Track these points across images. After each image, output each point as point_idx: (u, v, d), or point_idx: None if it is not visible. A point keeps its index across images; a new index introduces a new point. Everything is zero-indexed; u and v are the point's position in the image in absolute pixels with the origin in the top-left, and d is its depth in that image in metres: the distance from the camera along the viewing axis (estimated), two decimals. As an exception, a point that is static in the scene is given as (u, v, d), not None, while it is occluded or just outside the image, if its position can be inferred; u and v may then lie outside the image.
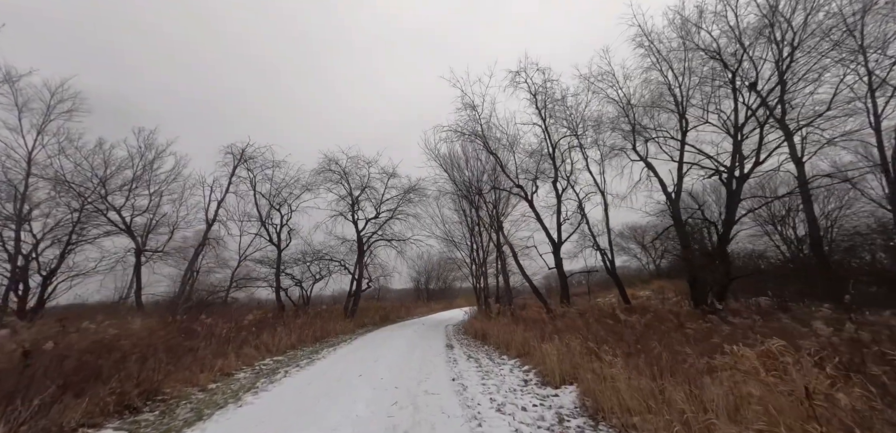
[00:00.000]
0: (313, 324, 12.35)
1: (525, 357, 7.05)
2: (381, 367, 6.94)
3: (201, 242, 17.83)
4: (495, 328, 10.22)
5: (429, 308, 29.32)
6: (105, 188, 15.07)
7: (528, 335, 7.75)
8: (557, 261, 13.37)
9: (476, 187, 13.49)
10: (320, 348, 9.98)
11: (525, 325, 9.23)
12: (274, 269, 16.66)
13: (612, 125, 14.03)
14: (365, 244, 17.91)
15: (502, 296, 17.47)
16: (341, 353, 8.92)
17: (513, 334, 8.43)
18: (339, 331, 13.79)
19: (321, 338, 11.98)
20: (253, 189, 16.53)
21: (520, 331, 8.19)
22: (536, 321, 10.47)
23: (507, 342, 8.40)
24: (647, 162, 13.86)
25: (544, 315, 12.35)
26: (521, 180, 13.75)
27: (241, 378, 6.44)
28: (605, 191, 14.73)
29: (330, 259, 16.67)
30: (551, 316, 12.21)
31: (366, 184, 16.63)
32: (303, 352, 9.39)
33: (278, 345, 9.03)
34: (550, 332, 7.68)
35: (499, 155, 13.51)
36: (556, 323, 9.27)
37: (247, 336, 8.44)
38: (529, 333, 7.85)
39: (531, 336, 7.65)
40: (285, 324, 10.82)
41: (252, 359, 7.77)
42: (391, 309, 22.30)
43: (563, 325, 8.60)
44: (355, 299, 17.14)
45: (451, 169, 13.32)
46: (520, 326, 8.88)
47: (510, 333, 8.65)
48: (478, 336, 11.46)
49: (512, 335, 8.44)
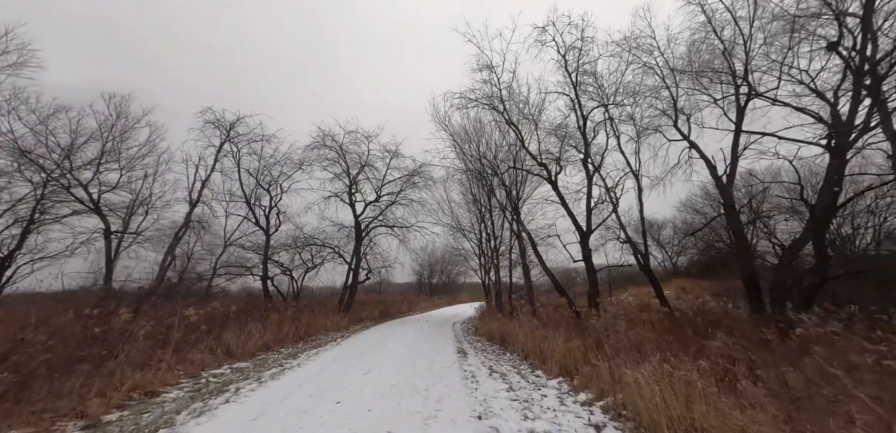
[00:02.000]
0: (298, 319, 10.27)
1: (574, 377, 4.91)
2: (371, 387, 4.83)
3: (183, 225, 15.79)
4: (517, 330, 8.09)
5: (432, 303, 27.24)
6: (70, 161, 13.04)
7: (573, 345, 5.59)
8: (586, 253, 11.20)
9: (492, 165, 11.33)
10: (301, 351, 7.90)
11: (558, 329, 7.08)
12: (261, 256, 14.58)
13: (650, 96, 11.80)
14: (363, 231, 15.79)
15: (519, 292, 15.32)
16: (324, 361, 6.82)
17: (547, 342, 6.28)
18: (330, 327, 11.71)
19: (306, 336, 9.91)
20: (237, 165, 14.43)
21: (559, 339, 6.03)
22: (561, 323, 8.33)
23: (540, 352, 6.26)
24: (690, 141, 11.65)
25: (569, 314, 10.21)
26: (543, 159, 11.56)
27: (167, 400, 4.35)
28: (639, 174, 12.55)
29: (322, 245, 14.58)
30: (578, 316, 10.08)
31: (365, 161, 14.50)
32: (277, 355, 7.31)
33: (245, 346, 6.94)
34: (589, 340, 5.54)
35: (520, 128, 11.32)
36: (592, 327, 7.14)
37: (201, 335, 6.35)
38: (574, 343, 5.69)
39: (577, 346, 5.50)
40: (261, 319, 8.74)
41: (202, 368, 5.69)
42: (392, 303, 20.22)
43: (600, 327, 6.46)
44: (351, 291, 15.05)
45: (463, 142, 11.22)
46: (555, 331, 6.72)
47: (541, 340, 6.50)
48: (494, 339, 9.33)
49: (545, 343, 6.29)
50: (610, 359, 4.28)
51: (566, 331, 6.45)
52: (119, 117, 13.34)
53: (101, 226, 13.40)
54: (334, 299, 15.62)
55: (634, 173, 12.49)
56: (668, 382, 3.13)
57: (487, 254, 17.52)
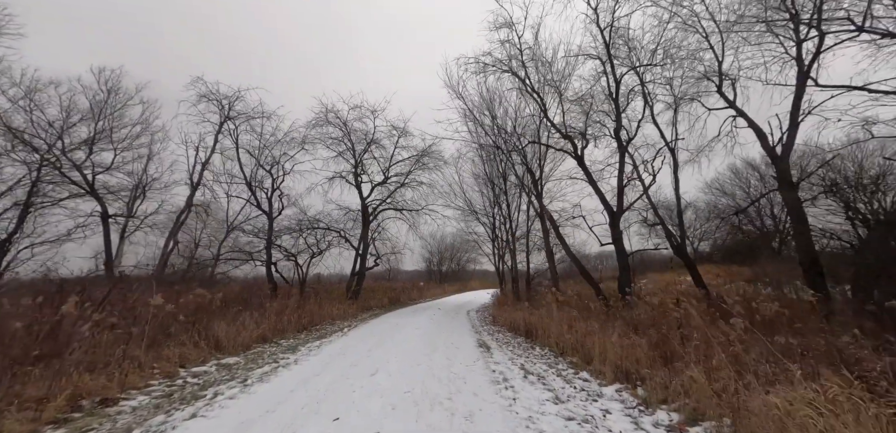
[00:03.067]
0: (302, 306, 9.36)
1: (638, 384, 3.81)
2: (379, 395, 3.81)
3: (184, 208, 15.00)
4: (547, 321, 6.99)
5: (442, 290, 26.35)
6: (63, 141, 12.24)
7: (634, 342, 4.47)
8: (616, 235, 9.98)
9: (509, 140, 10.11)
10: (302, 342, 6.96)
11: (604, 323, 5.96)
12: (264, 241, 13.71)
13: (690, 59, 10.34)
14: (371, 214, 14.78)
15: (537, 278, 14.20)
16: (326, 356, 5.84)
17: (590, 337, 5.16)
18: (338, 315, 10.81)
19: (311, 325, 8.99)
20: (236, 144, 13.46)
21: (613, 334, 4.90)
22: (592, 313, 7.23)
23: (582, 348, 5.16)
24: (736, 107, 10.23)
25: (596, 304, 9.09)
26: (568, 131, 10.27)
27: (125, 411, 3.38)
28: (675, 147, 11.17)
29: (327, 228, 13.62)
30: (607, 305, 8.95)
31: (372, 139, 13.36)
32: (275, 348, 6.38)
33: (238, 338, 6.00)
34: (646, 336, 4.41)
35: (542, 96, 10.01)
36: (639, 320, 6.00)
37: (185, 327, 5.40)
38: (633, 340, 4.57)
39: (638, 344, 4.38)
40: (260, 307, 7.83)
41: (183, 364, 4.76)
42: (401, 290, 19.33)
43: (646, 320, 5.33)
44: (359, 278, 14.12)
45: (478, 112, 9.99)
46: (601, 324, 5.59)
47: (584, 335, 5.39)
48: (517, 330, 8.27)
49: (588, 338, 5.18)
50: (697, 364, 3.15)
51: (608, 324, 5.31)
52: (111, 93, 12.45)
53: (98, 209, 12.69)
54: (343, 286, 14.75)
55: (669, 146, 11.13)
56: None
57: (502, 239, 16.39)
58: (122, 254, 15.11)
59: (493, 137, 10.25)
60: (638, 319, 6.40)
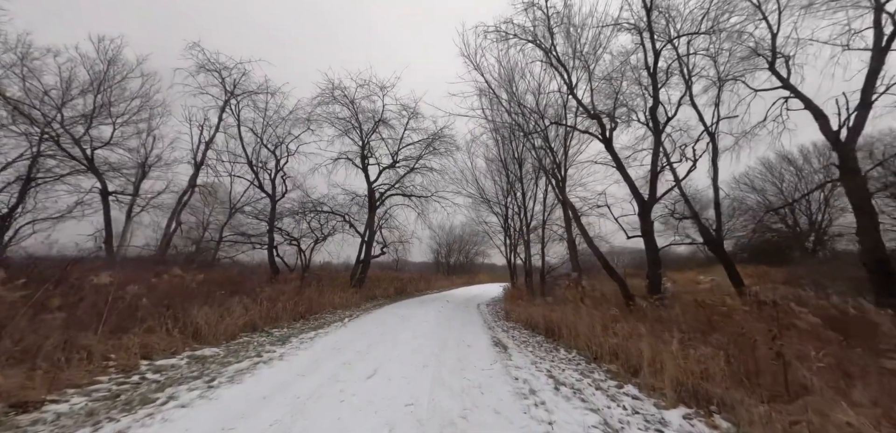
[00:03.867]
0: (301, 293, 8.60)
1: (712, 410, 2.85)
2: (375, 410, 2.94)
3: (186, 188, 14.42)
4: (573, 320, 6.03)
5: (450, 282, 25.53)
6: (61, 114, 11.69)
7: (699, 354, 3.49)
8: (646, 227, 8.88)
9: (533, 115, 9.04)
10: (296, 333, 6.17)
11: (649, 322, 4.97)
12: (267, 224, 13.02)
13: (739, 32, 9.08)
14: (378, 200, 13.94)
15: (552, 272, 13.20)
16: (318, 350, 5.01)
17: (633, 341, 4.20)
18: (339, 304, 10.04)
19: (309, 313, 8.23)
20: (237, 120, 12.73)
21: (673, 342, 3.91)
22: (628, 311, 6.21)
23: (622, 354, 4.21)
24: (792, 87, 8.97)
25: (621, 300, 8.10)
26: (597, 110, 9.15)
27: (43, 422, 2.59)
28: (716, 132, 9.96)
29: (330, 212, 12.82)
30: (630, 302, 7.94)
31: (380, 117, 12.44)
32: (264, 338, 5.60)
33: (221, 326, 5.23)
34: (719, 347, 3.42)
35: (570, 71, 8.91)
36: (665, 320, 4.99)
37: (158, 310, 4.64)
38: (701, 350, 3.58)
39: (708, 355, 3.40)
40: (253, 292, 7.07)
41: (148, 356, 3.99)
42: (408, 281, 18.54)
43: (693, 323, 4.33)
44: (364, 266, 13.34)
45: (496, 85, 8.93)
46: (649, 327, 4.60)
47: (627, 338, 4.42)
48: (535, 327, 7.34)
49: (631, 342, 4.22)
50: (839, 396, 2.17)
51: (658, 326, 4.32)
52: (111, 64, 11.82)
53: (98, 186, 12.17)
54: (349, 274, 14.02)
55: (709, 131, 9.94)
56: None
57: (516, 229, 15.38)
58: (129, 234, 14.70)
59: (512, 114, 9.20)
60: (680, 321, 5.39)
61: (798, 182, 19.11)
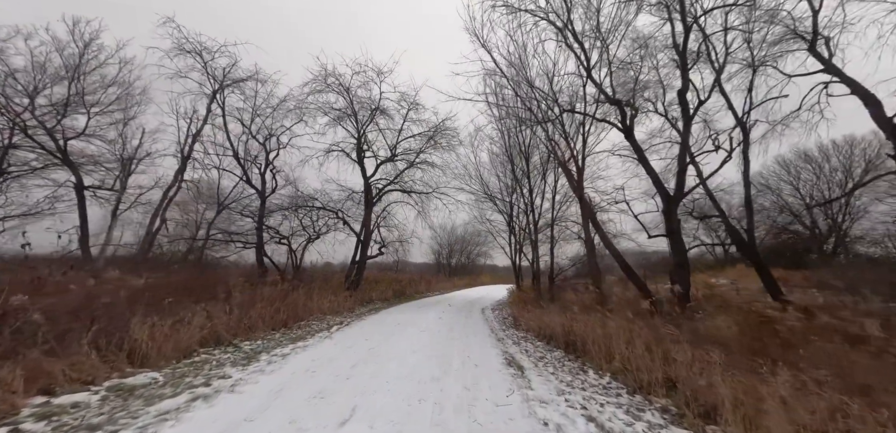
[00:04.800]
0: (286, 297, 7.52)
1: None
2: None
3: (171, 184, 13.39)
4: (596, 332, 4.95)
5: (451, 284, 24.42)
6: (33, 102, 10.67)
7: (793, 398, 2.40)
8: (672, 226, 7.79)
9: (545, 99, 7.94)
10: (271, 346, 5.10)
11: (732, 350, 3.89)
12: (256, 222, 11.96)
13: (771, 12, 8.00)
14: (375, 196, 12.87)
15: (560, 274, 12.09)
16: (288, 373, 3.93)
17: (711, 370, 3.12)
18: (329, 309, 8.96)
19: (294, 320, 7.15)
20: (222, 111, 11.71)
21: (781, 377, 2.82)
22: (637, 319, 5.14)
23: (681, 384, 3.13)
24: (836, 69, 7.91)
25: (642, 308, 7.01)
26: (617, 95, 8.06)
27: None
28: (747, 121, 8.86)
29: (322, 207, 11.75)
30: (653, 310, 6.87)
31: (377, 106, 11.37)
32: (228, 355, 4.53)
33: (169, 342, 4.16)
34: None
35: (588, 51, 7.82)
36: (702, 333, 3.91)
37: (71, 325, 3.56)
38: (794, 390, 2.50)
39: (819, 405, 2.33)
40: (223, 297, 6.00)
41: (47, 388, 2.94)
42: (408, 283, 17.46)
43: (750, 343, 3.25)
44: (359, 267, 12.26)
45: (505, 66, 7.85)
46: (737, 358, 3.51)
47: (689, 367, 3.34)
48: (552, 339, 6.24)
49: (687, 372, 3.14)
50: None
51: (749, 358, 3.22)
52: (87, 48, 10.79)
53: (72, 179, 11.14)
54: (341, 275, 12.94)
55: (740, 120, 8.86)
56: None
57: (521, 228, 14.31)
58: (120, 233, 13.65)
59: (523, 99, 8.11)
60: (727, 336, 4.30)
61: (816, 180, 17.99)
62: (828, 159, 17.37)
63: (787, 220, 19.42)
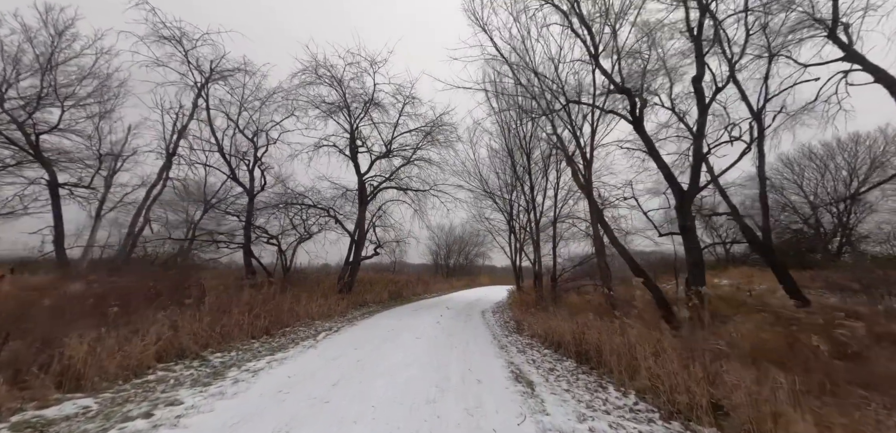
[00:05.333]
0: (268, 302, 6.84)
1: None
2: None
3: (156, 181, 12.65)
4: (614, 340, 4.33)
5: (449, 285, 23.74)
6: (2, 96, 9.92)
7: None
8: (686, 222, 7.18)
9: (549, 88, 7.32)
10: (245, 359, 4.43)
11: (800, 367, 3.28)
12: (243, 221, 11.26)
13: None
14: (369, 194, 12.21)
15: (562, 274, 11.48)
16: (257, 395, 3.26)
17: (738, 391, 2.50)
18: (319, 314, 8.27)
19: (277, 327, 6.48)
20: (206, 105, 11.02)
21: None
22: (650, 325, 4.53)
23: (734, 411, 2.52)
24: (859, 56, 7.38)
25: (651, 311, 6.45)
26: (626, 83, 7.48)
27: None
28: (763, 113, 8.30)
29: (312, 205, 11.06)
30: (670, 316, 6.29)
31: (370, 97, 10.69)
32: (191, 371, 3.86)
33: (114, 359, 3.49)
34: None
35: (595, 36, 7.23)
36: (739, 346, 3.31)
37: None
38: None
39: None
40: (194, 302, 5.33)
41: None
42: (405, 284, 16.79)
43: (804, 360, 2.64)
44: (353, 269, 11.58)
45: (507, 51, 7.20)
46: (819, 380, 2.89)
47: (751, 394, 2.72)
48: (560, 347, 5.60)
49: (733, 394, 2.52)
50: None
51: None
52: (60, 37, 10.06)
53: (45, 177, 10.39)
54: (333, 277, 12.24)
55: (754, 112, 8.30)
56: None
57: (522, 227, 13.70)
58: (106, 235, 12.87)
59: (524, 85, 7.49)
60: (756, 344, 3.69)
61: (821, 178, 17.53)
62: (833, 157, 16.91)
63: (790, 219, 18.96)
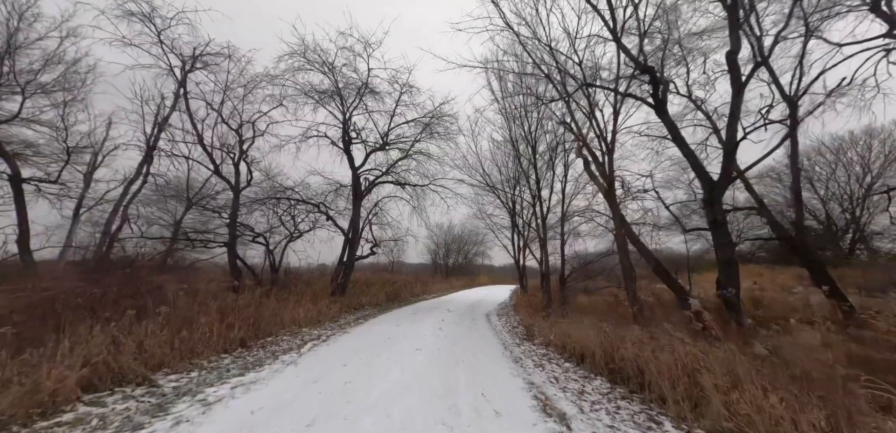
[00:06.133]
0: (245, 310, 5.94)
1: None
2: None
3: (135, 177, 11.67)
4: (663, 357, 3.50)
5: (448, 285, 22.86)
6: (-40, 78, 8.92)
7: None
8: (718, 217, 6.35)
9: (564, 64, 6.45)
10: (209, 381, 3.53)
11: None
12: (227, 219, 10.31)
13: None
14: (364, 188, 11.31)
15: (575, 275, 10.65)
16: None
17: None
18: (307, 320, 7.37)
19: (255, 338, 5.59)
20: (183, 87, 10.08)
21: None
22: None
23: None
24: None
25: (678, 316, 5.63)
26: (649, 62, 6.65)
27: None
28: (796, 97, 7.49)
29: (300, 200, 10.12)
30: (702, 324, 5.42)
31: (364, 82, 9.76)
32: (127, 403, 2.99)
33: (12, 393, 2.61)
34: None
35: (613, 9, 6.39)
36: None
37: None
38: None
39: None
40: (153, 309, 4.43)
41: None
42: (403, 284, 15.89)
43: None
44: (347, 270, 10.68)
45: (516, 22, 6.32)
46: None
47: None
48: (584, 358, 4.75)
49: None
50: None
51: None
52: (21, 19, 9.08)
53: (7, 171, 9.41)
54: (329, 278, 11.33)
55: (788, 96, 7.51)
56: None
57: (526, 224, 12.88)
58: (74, 233, 11.87)
59: (537, 62, 6.62)
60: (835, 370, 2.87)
61: (832, 173, 16.83)
62: (844, 152, 16.22)
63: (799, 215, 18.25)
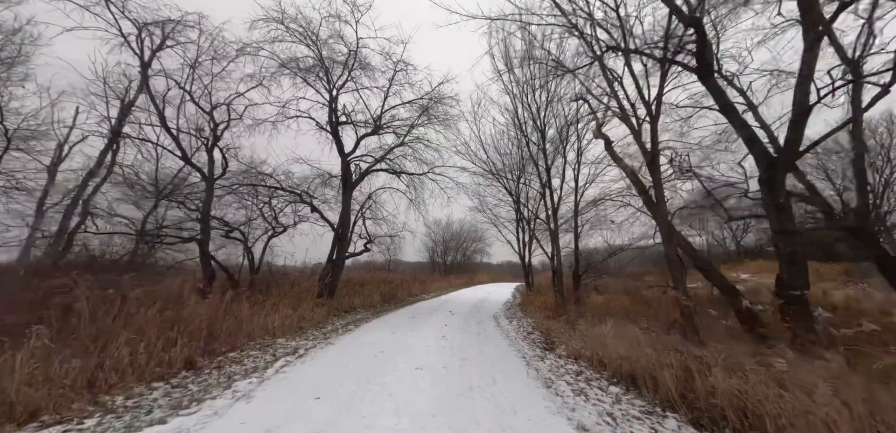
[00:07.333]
0: (195, 320, 4.69)
1: None
2: None
3: (95, 167, 10.27)
4: (791, 403, 2.34)
5: (448, 283, 21.66)
6: None
7: None
8: (778, 200, 5.21)
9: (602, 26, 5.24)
10: (119, 429, 2.35)
11: None
12: (199, 213, 8.99)
13: None
14: (355, 177, 10.04)
15: (584, 269, 9.49)
16: None
17: None
18: (284, 329, 6.11)
19: (212, 355, 4.35)
20: (141, 61, 8.72)
21: None
22: None
23: None
24: None
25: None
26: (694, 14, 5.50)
27: None
28: (860, 61, 6.38)
29: (278, 188, 8.82)
30: (764, 339, 4.35)
31: (353, 53, 8.44)
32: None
33: None
34: None
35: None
36: None
37: None
38: None
39: None
40: (55, 322, 3.18)
41: None
42: (400, 283, 14.66)
43: None
44: (336, 269, 9.40)
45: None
46: None
47: None
48: (630, 379, 3.59)
49: None
50: None
51: None
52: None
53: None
54: (316, 278, 10.04)
55: (850, 60, 6.39)
56: None
57: (533, 215, 11.72)
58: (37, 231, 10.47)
59: (563, 9, 5.38)
60: None
61: (845, 165, 15.89)
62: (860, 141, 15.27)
63: (811, 208, 17.36)
